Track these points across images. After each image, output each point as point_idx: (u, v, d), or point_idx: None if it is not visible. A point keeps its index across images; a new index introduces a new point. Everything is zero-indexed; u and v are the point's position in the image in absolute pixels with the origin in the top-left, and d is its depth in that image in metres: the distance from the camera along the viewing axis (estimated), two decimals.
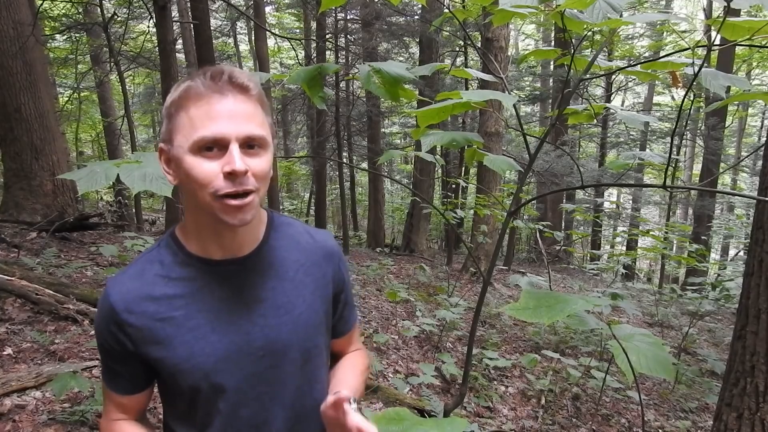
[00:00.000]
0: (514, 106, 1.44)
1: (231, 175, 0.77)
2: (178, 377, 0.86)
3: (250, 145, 0.79)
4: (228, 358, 0.86)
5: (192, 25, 7.94)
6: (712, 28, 1.21)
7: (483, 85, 6.79)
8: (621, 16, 1.23)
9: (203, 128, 0.77)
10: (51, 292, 3.46)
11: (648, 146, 13.13)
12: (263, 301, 0.89)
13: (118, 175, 1.05)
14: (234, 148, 0.77)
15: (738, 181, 17.40)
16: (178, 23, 10.75)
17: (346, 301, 1.06)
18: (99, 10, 7.15)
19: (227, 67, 0.81)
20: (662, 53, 13.52)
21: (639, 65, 1.34)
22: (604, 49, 11.39)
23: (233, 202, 0.78)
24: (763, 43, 1.22)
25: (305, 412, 0.95)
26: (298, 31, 15.58)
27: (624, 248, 13.84)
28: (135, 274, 0.88)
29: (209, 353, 0.85)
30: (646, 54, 12.58)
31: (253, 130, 0.79)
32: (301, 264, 0.94)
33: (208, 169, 0.77)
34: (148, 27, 10.00)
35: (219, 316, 0.87)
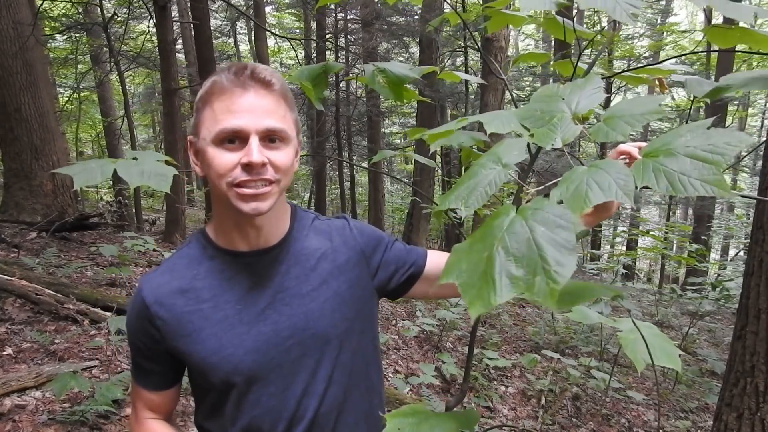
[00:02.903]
0: (515, 103, 1.45)
1: (248, 167, 0.79)
2: (208, 371, 0.86)
3: (271, 138, 0.81)
4: (256, 349, 0.87)
5: (192, 25, 7.94)
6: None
7: (482, 89, 6.79)
8: (619, 23, 1.23)
9: (224, 121, 0.79)
10: (51, 292, 3.46)
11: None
12: (288, 289, 0.90)
13: (116, 172, 1.04)
14: (253, 141, 0.79)
15: (738, 181, 17.41)
16: (178, 23, 10.75)
17: (395, 251, 1.02)
18: (99, 10, 7.16)
19: (251, 63, 0.83)
20: (662, 54, 13.51)
21: (630, 71, 1.35)
22: (605, 49, 11.39)
23: (247, 190, 0.80)
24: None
25: (344, 401, 0.93)
26: (298, 31, 15.58)
27: (624, 248, 13.84)
28: (165, 269, 0.90)
29: (237, 344, 0.86)
30: (646, 54, 12.57)
31: (273, 123, 0.81)
32: (323, 252, 0.95)
33: (227, 160, 0.80)
34: (148, 27, 10.00)
35: (246, 307, 0.88)
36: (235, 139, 0.79)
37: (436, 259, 1.04)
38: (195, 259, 0.90)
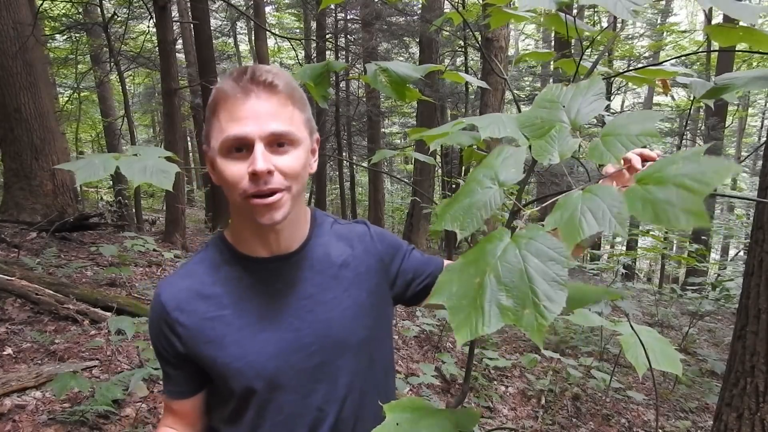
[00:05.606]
0: (517, 103, 1.45)
1: (254, 176, 0.76)
2: (230, 377, 0.85)
3: (279, 143, 0.78)
4: (279, 355, 0.86)
5: (192, 25, 7.95)
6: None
7: (482, 89, 6.78)
8: (621, 23, 1.23)
9: (228, 129, 0.77)
10: (51, 292, 3.46)
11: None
12: (310, 297, 0.89)
13: (117, 170, 1.03)
14: (258, 148, 0.76)
15: (738, 181, 17.41)
16: (178, 23, 10.75)
17: (413, 260, 1.01)
18: (99, 10, 7.15)
19: (252, 65, 0.80)
20: (662, 54, 13.51)
21: (634, 71, 1.35)
22: (607, 49, 11.38)
23: (257, 201, 0.77)
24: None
25: (361, 407, 0.93)
26: (298, 31, 15.58)
27: (624, 248, 13.84)
28: (185, 274, 0.89)
29: (260, 351, 0.85)
30: (646, 54, 12.57)
31: (278, 126, 0.77)
32: (344, 259, 0.94)
33: (236, 171, 0.77)
34: (148, 27, 10.00)
35: (268, 314, 0.87)
36: (242, 147, 0.77)
37: None
38: (214, 265, 0.89)
